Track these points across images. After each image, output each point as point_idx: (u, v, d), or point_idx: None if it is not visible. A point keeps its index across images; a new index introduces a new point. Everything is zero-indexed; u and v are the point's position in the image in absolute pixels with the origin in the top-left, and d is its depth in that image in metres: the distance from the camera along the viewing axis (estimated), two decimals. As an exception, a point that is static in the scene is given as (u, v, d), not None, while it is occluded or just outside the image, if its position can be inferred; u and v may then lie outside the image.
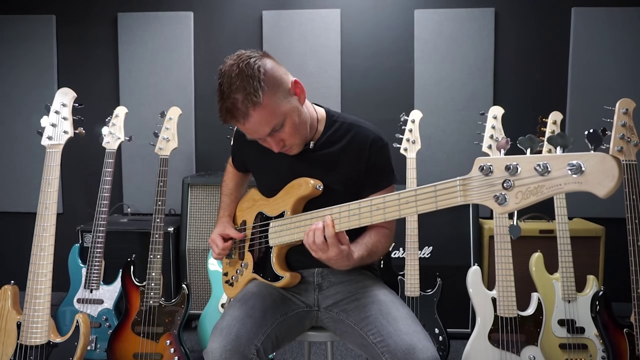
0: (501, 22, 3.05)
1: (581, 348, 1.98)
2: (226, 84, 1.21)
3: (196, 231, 2.77)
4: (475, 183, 0.96)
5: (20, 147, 3.22)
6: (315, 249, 1.21)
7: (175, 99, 3.13)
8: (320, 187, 1.36)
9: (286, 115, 1.25)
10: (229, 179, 1.68)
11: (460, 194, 0.99)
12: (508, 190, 0.91)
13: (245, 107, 1.20)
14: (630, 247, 1.77)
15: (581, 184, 0.82)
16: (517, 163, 0.89)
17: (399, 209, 1.11)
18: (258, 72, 1.20)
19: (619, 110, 1.82)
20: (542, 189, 0.87)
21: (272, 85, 1.22)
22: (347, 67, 3.13)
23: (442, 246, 2.59)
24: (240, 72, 1.20)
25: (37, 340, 1.65)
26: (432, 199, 1.04)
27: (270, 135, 1.27)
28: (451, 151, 3.06)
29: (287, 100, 1.26)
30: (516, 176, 0.90)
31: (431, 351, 1.20)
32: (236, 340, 1.22)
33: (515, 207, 0.90)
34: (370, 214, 1.16)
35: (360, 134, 1.40)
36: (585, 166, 0.82)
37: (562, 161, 0.84)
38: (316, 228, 1.20)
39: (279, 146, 1.31)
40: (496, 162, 0.93)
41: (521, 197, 0.89)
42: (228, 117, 1.23)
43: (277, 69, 1.26)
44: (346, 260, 1.25)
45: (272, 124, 1.24)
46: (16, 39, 3.20)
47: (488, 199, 0.94)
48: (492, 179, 0.93)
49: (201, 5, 3.20)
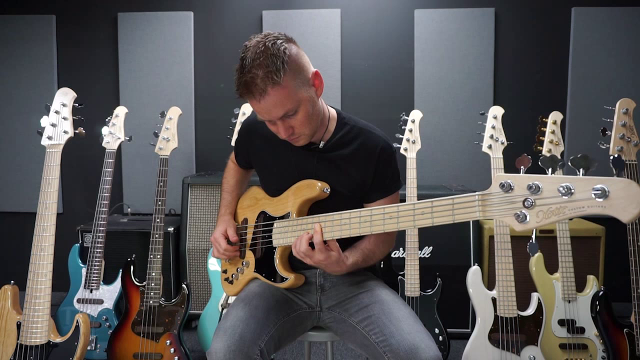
0: (501, 22, 3.05)
1: (581, 348, 1.98)
2: (249, 59, 1.19)
3: (196, 231, 2.76)
4: (495, 199, 0.97)
5: (20, 147, 3.22)
6: (302, 255, 1.26)
7: (175, 99, 3.13)
8: (328, 190, 1.35)
9: (301, 102, 1.24)
10: (230, 175, 1.66)
11: (479, 209, 0.99)
12: (529, 209, 0.91)
13: (264, 84, 1.18)
14: (630, 247, 1.77)
15: (605, 207, 0.83)
16: (540, 183, 0.90)
17: (414, 219, 1.11)
18: (283, 53, 1.19)
19: (619, 110, 1.82)
20: (564, 210, 0.87)
21: (294, 69, 1.21)
22: (347, 67, 3.13)
23: (442, 246, 2.59)
24: (265, 50, 1.18)
25: (37, 340, 1.65)
26: (449, 212, 1.05)
27: (282, 119, 1.25)
28: (451, 151, 3.06)
29: (305, 88, 1.25)
30: (538, 195, 0.90)
31: (434, 351, 1.20)
32: (240, 340, 1.22)
33: (536, 226, 0.91)
34: (383, 222, 1.16)
35: (370, 140, 1.39)
36: (609, 191, 0.82)
37: (587, 184, 0.85)
38: (301, 236, 1.27)
39: (287, 133, 1.28)
40: (517, 180, 0.93)
41: (542, 216, 0.90)
42: (245, 91, 1.21)
43: (301, 56, 1.26)
44: (337, 265, 1.27)
45: (286, 107, 1.22)
46: (16, 39, 3.20)
47: (508, 216, 0.94)
48: (512, 196, 0.94)
49: (201, 5, 3.20)
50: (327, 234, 1.24)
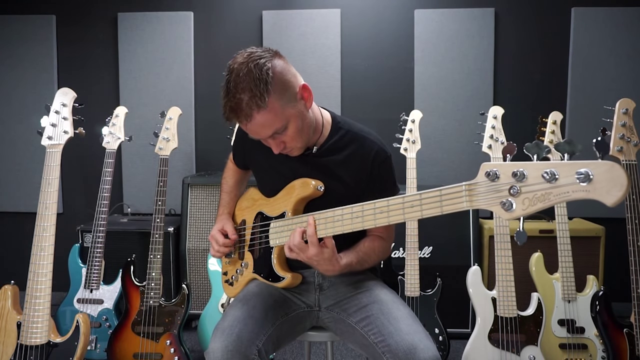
0: (501, 22, 3.05)
1: (581, 348, 1.98)
2: (233, 82, 1.19)
3: (196, 231, 2.77)
4: (482, 188, 0.96)
5: (20, 147, 3.22)
6: (296, 250, 1.25)
7: (175, 99, 3.13)
8: (322, 187, 1.36)
9: (290, 119, 1.24)
10: (229, 175, 1.67)
11: (466, 199, 0.99)
12: (515, 197, 0.91)
13: (249, 109, 1.18)
14: (630, 247, 1.76)
15: (589, 192, 0.82)
16: (524, 170, 0.89)
17: (403, 212, 1.10)
18: (267, 74, 1.18)
19: (619, 110, 1.82)
20: (549, 196, 0.86)
21: (279, 89, 1.21)
22: (347, 67, 3.12)
23: (442, 246, 2.59)
24: (248, 72, 1.18)
25: (37, 340, 1.65)
26: (437, 204, 1.04)
27: (272, 137, 1.27)
28: (451, 151, 3.06)
29: (292, 105, 1.24)
30: (523, 182, 0.89)
31: (432, 351, 1.20)
32: (238, 340, 1.22)
33: (522, 214, 0.90)
34: (374, 217, 1.15)
35: (364, 145, 1.39)
36: (593, 174, 0.81)
37: (570, 169, 0.84)
38: (295, 230, 1.25)
39: (279, 148, 1.30)
40: (503, 168, 0.92)
41: (528, 203, 0.89)
42: (231, 116, 1.22)
43: (286, 72, 1.24)
44: (330, 264, 1.25)
45: (274, 127, 1.23)
46: (16, 39, 3.20)
47: (495, 204, 0.94)
48: (498, 184, 0.93)
49: (201, 5, 3.20)
50: (321, 231, 1.23)
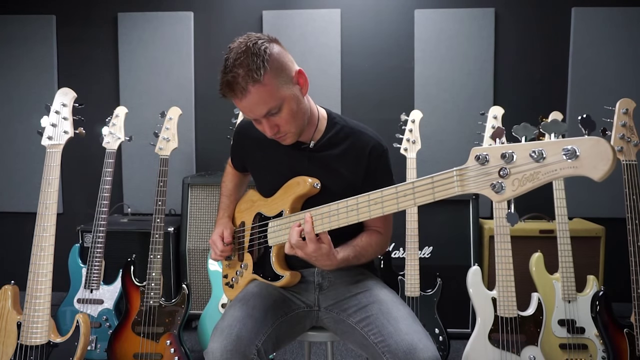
0: (501, 22, 3.05)
1: (581, 348, 1.98)
2: (231, 59, 1.22)
3: (196, 231, 2.77)
4: (472, 173, 0.96)
5: (20, 147, 3.22)
6: (295, 247, 1.25)
7: (175, 99, 3.13)
8: (318, 185, 1.37)
9: (285, 100, 1.25)
10: (228, 179, 1.68)
11: (457, 184, 0.99)
12: (505, 178, 0.91)
13: (245, 83, 1.20)
14: (630, 247, 1.77)
15: (576, 168, 0.83)
16: (513, 151, 0.90)
17: (397, 202, 1.11)
18: (264, 52, 1.21)
19: (619, 110, 1.82)
20: (538, 175, 0.87)
21: (275, 68, 1.23)
22: (347, 67, 3.13)
23: (442, 246, 2.59)
24: (246, 49, 1.21)
25: (37, 341, 1.65)
26: (429, 190, 1.04)
27: (266, 117, 1.27)
28: (451, 151, 3.06)
29: (288, 86, 1.26)
30: (512, 164, 0.90)
31: (432, 351, 1.20)
32: (237, 340, 1.22)
33: (513, 195, 0.91)
34: (369, 209, 1.16)
35: (360, 140, 1.40)
36: (579, 150, 0.82)
37: (557, 147, 0.85)
38: (292, 228, 1.26)
39: (272, 131, 1.30)
40: (492, 151, 0.93)
41: (518, 184, 0.90)
42: (227, 91, 1.23)
43: (283, 55, 1.28)
44: (327, 259, 1.26)
45: (269, 105, 1.24)
46: (16, 39, 3.20)
47: (485, 187, 0.94)
48: (488, 167, 0.94)
49: (201, 5, 3.20)
50: (317, 226, 1.24)
